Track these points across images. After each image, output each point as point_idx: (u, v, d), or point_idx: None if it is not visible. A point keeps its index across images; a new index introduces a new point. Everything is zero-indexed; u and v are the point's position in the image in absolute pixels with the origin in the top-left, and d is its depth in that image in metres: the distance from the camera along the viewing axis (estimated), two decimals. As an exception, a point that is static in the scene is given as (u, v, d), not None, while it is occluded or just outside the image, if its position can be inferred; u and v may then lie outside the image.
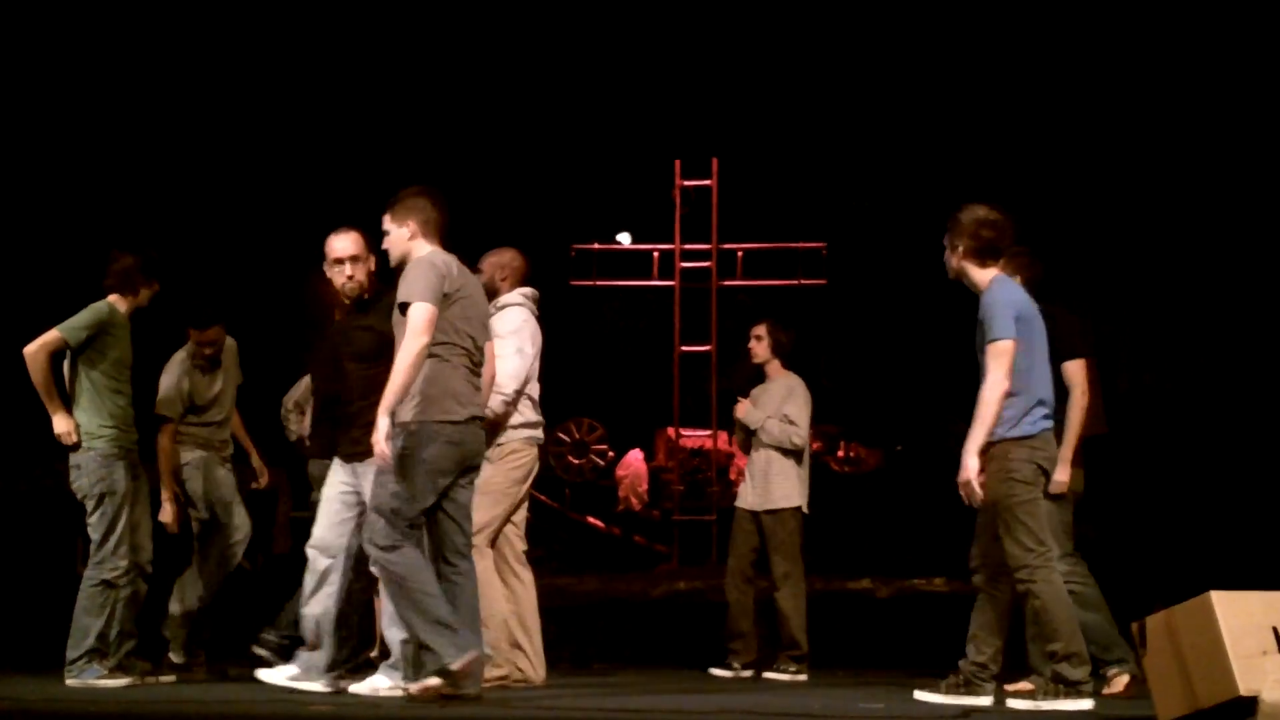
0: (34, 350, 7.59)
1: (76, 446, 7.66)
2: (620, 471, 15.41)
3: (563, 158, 13.09)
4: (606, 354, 16.12)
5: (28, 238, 11.58)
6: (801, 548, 8.85)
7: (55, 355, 7.64)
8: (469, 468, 6.78)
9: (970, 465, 6.45)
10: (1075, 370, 7.41)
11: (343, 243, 7.29)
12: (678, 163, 13.68)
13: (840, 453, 15.27)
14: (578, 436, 15.21)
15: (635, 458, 15.42)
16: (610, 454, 15.47)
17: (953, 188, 10.01)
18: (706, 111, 13.91)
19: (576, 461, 15.21)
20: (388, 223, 6.84)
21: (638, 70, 12.92)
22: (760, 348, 9.12)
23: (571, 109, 12.96)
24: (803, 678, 8.63)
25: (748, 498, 8.93)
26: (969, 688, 6.60)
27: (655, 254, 14.15)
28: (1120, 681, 7.48)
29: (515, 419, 7.84)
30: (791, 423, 8.86)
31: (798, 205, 15.17)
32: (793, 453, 8.85)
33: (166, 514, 8.21)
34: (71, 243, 11.08)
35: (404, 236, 6.78)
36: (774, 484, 8.83)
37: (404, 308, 6.56)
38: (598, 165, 13.13)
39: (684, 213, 13.86)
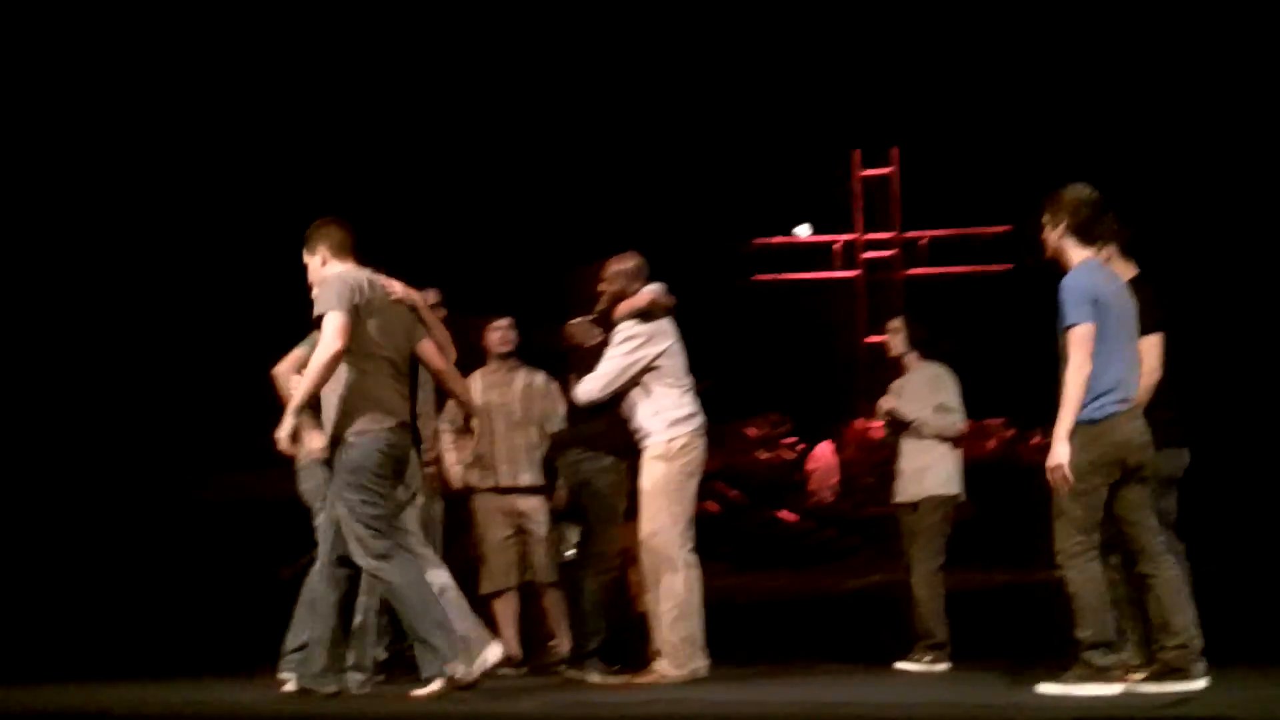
0: (283, 370, 7.72)
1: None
2: (810, 465, 15.33)
3: (737, 152, 13.03)
4: (792, 348, 16.06)
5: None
6: (949, 537, 8.74)
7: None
8: (402, 475, 7.01)
9: (1059, 452, 6.46)
10: (1147, 347, 7.29)
11: None
12: (857, 153, 13.60)
13: (1035, 440, 15.03)
14: (766, 431, 15.15)
15: (825, 451, 15.32)
16: (799, 447, 15.40)
17: (1136, 165, 9.82)
18: (883, 101, 13.78)
19: (765, 456, 15.16)
20: (305, 257, 7.10)
21: (812, 63, 12.83)
22: (896, 341, 9.04)
23: (744, 103, 12.91)
24: (940, 668, 8.49)
25: (904, 490, 8.84)
26: (1178, 674, 6.51)
27: (837, 245, 14.08)
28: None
29: (674, 414, 7.89)
30: (948, 410, 8.77)
31: (982, 189, 14.97)
32: (944, 440, 8.76)
33: None
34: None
35: (318, 264, 7.05)
36: (927, 472, 8.74)
37: (319, 320, 6.78)
38: (772, 159, 13.06)
39: (863, 203, 13.78)
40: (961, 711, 6.29)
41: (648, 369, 7.87)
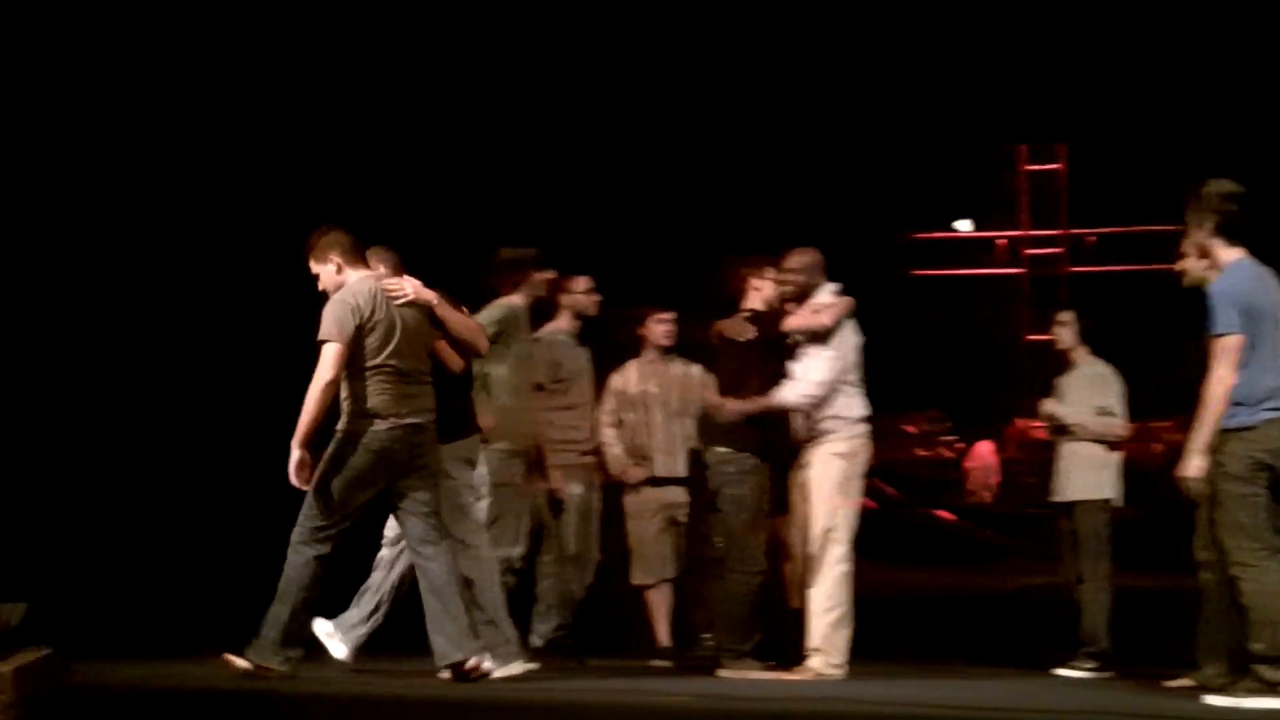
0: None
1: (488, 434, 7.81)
2: (969, 463, 15.17)
3: (899, 145, 12.89)
4: (953, 344, 15.87)
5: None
6: (1110, 540, 8.57)
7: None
8: (416, 469, 7.08)
9: (1193, 464, 6.38)
10: None
11: None
12: (1023, 148, 13.41)
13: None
14: (925, 428, 15.02)
15: (985, 449, 15.14)
16: (958, 446, 15.25)
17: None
18: (1050, 95, 13.56)
19: (923, 453, 15.02)
20: (314, 267, 7.20)
21: (977, 56, 12.65)
22: (1066, 334, 8.88)
23: (908, 96, 12.77)
24: (1101, 675, 8.31)
25: (1062, 491, 8.69)
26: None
27: (1000, 241, 13.89)
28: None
29: (854, 413, 7.86)
30: (1110, 414, 8.60)
31: (1152, 186, 14.68)
32: (1104, 442, 8.60)
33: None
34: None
35: (332, 272, 7.15)
36: (1084, 475, 8.58)
37: (320, 344, 6.96)
38: (934, 153, 12.90)
39: (1027, 199, 13.59)
40: None
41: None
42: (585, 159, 12.53)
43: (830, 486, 7.79)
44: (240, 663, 7.17)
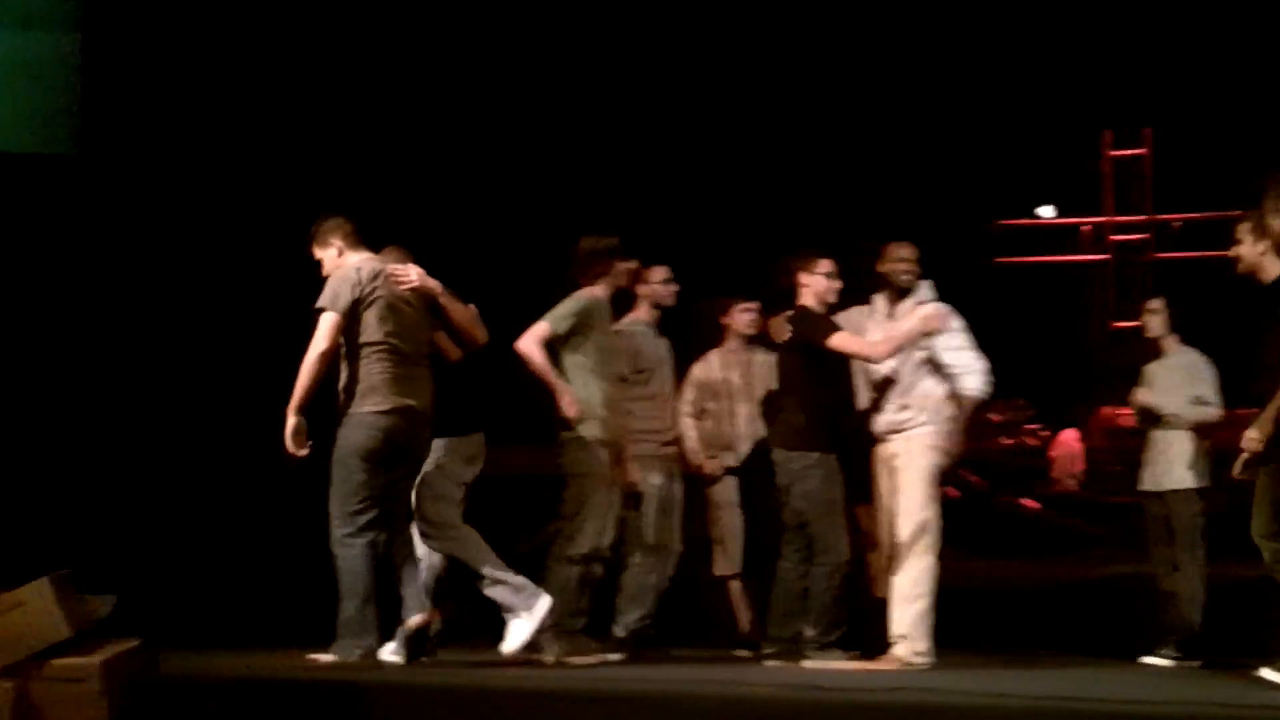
0: (526, 343, 7.88)
1: (574, 423, 7.88)
2: (1054, 452, 15.05)
3: (982, 130, 12.78)
4: (1037, 331, 15.73)
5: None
6: (1204, 530, 8.48)
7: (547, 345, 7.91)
8: (412, 456, 7.31)
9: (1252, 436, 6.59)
10: None
11: None
12: (1108, 134, 13.29)
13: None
14: (1009, 416, 14.90)
15: (1070, 438, 15.03)
16: (1043, 434, 15.12)
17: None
18: (1136, 80, 13.41)
19: (1007, 442, 14.91)
20: (317, 253, 7.44)
21: (1062, 41, 12.54)
22: (1155, 322, 8.79)
23: (991, 81, 12.66)
24: (1189, 664, 8.22)
25: (1153, 480, 8.61)
26: None
27: (1085, 228, 13.77)
28: None
29: (943, 406, 7.86)
30: (1205, 403, 8.51)
31: (1240, 172, 14.48)
32: (1197, 431, 8.51)
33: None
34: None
35: (333, 256, 7.39)
36: (1179, 464, 8.50)
37: (317, 314, 7.17)
38: (1017, 138, 12.78)
39: (1113, 184, 13.45)
40: (1210, 711, 6.10)
41: (930, 359, 7.81)
42: (673, 149, 12.52)
43: (922, 478, 7.79)
44: (324, 658, 7.25)
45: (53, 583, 7.09)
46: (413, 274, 7.40)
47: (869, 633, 7.93)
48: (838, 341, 7.76)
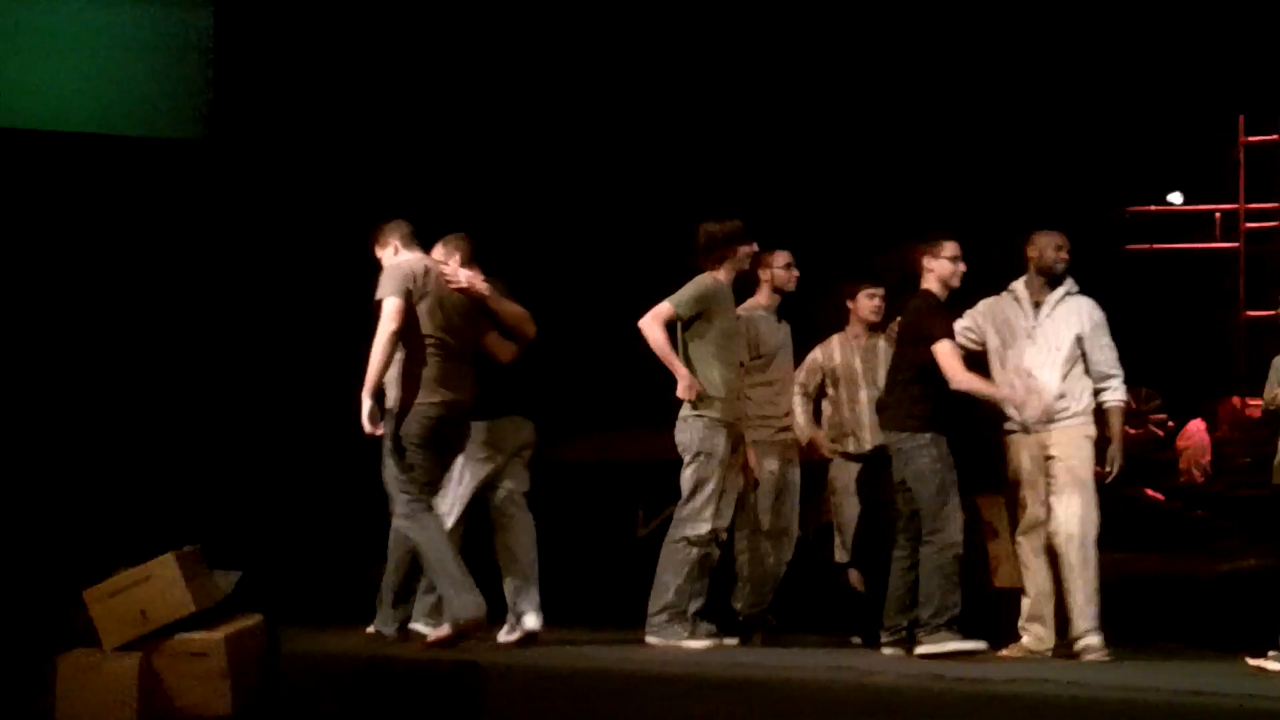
0: (647, 322, 7.93)
1: (694, 404, 7.91)
2: (1181, 442, 14.81)
3: (1112, 116, 12.56)
4: (1165, 320, 15.46)
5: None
6: None
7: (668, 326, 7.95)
8: (451, 445, 7.59)
9: None
10: None
11: None
12: (1241, 118, 13.03)
13: None
14: (1135, 406, 14.66)
15: (1197, 428, 14.78)
16: (1170, 424, 14.89)
17: None
18: (1271, 63, 13.12)
19: (1133, 432, 14.68)
20: (377, 253, 7.73)
21: (1194, 24, 12.29)
22: (1290, 312, 8.63)
23: (1122, 65, 12.44)
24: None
25: None
26: None
27: (1218, 215, 13.51)
28: None
29: (1090, 401, 7.78)
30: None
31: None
32: None
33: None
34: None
35: (391, 254, 7.68)
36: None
37: (377, 305, 7.42)
38: (1148, 124, 12.55)
39: (1245, 171, 13.19)
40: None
41: (1082, 352, 7.82)
42: (801, 133, 12.43)
43: (1084, 470, 7.73)
44: (436, 634, 7.31)
45: (178, 558, 7.21)
46: (461, 276, 7.67)
47: (991, 623, 7.84)
48: (940, 349, 7.67)
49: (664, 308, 7.96)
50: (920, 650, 7.53)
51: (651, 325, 7.93)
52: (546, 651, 7.47)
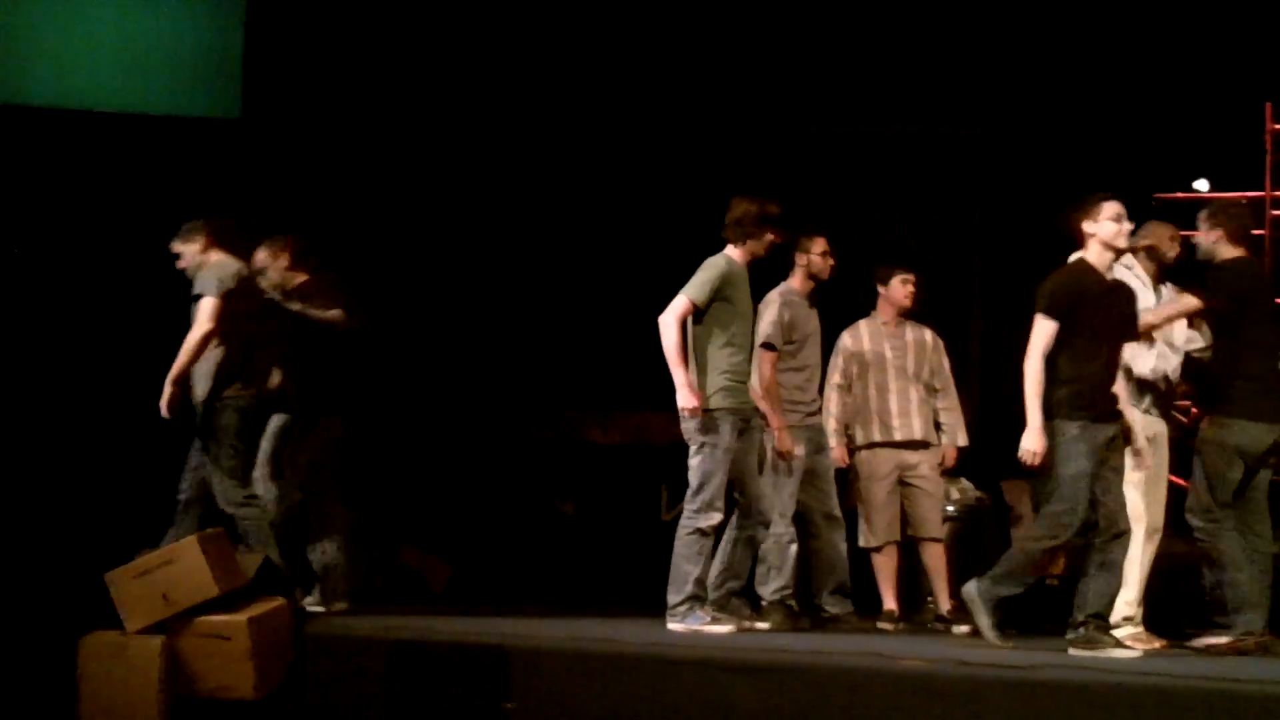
0: (667, 321, 7.80)
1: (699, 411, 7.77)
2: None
3: (1138, 103, 12.48)
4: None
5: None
6: None
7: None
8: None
9: None
10: None
11: None
12: (1269, 105, 12.90)
13: None
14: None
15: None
16: (1194, 411, 14.79)
17: None
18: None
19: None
20: (185, 249, 8.05)
21: (1222, 10, 12.21)
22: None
23: (1148, 52, 12.37)
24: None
25: None
26: None
27: (1243, 201, 13.39)
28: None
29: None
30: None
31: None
32: None
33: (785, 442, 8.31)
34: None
35: (199, 251, 8.03)
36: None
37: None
38: (1175, 110, 12.46)
39: (1275, 158, 13.07)
40: None
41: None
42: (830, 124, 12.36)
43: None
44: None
45: (202, 541, 7.19)
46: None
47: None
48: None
49: (682, 303, 7.81)
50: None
51: (671, 325, 7.79)
52: (574, 634, 7.45)
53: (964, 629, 8.13)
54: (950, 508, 9.30)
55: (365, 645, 7.20)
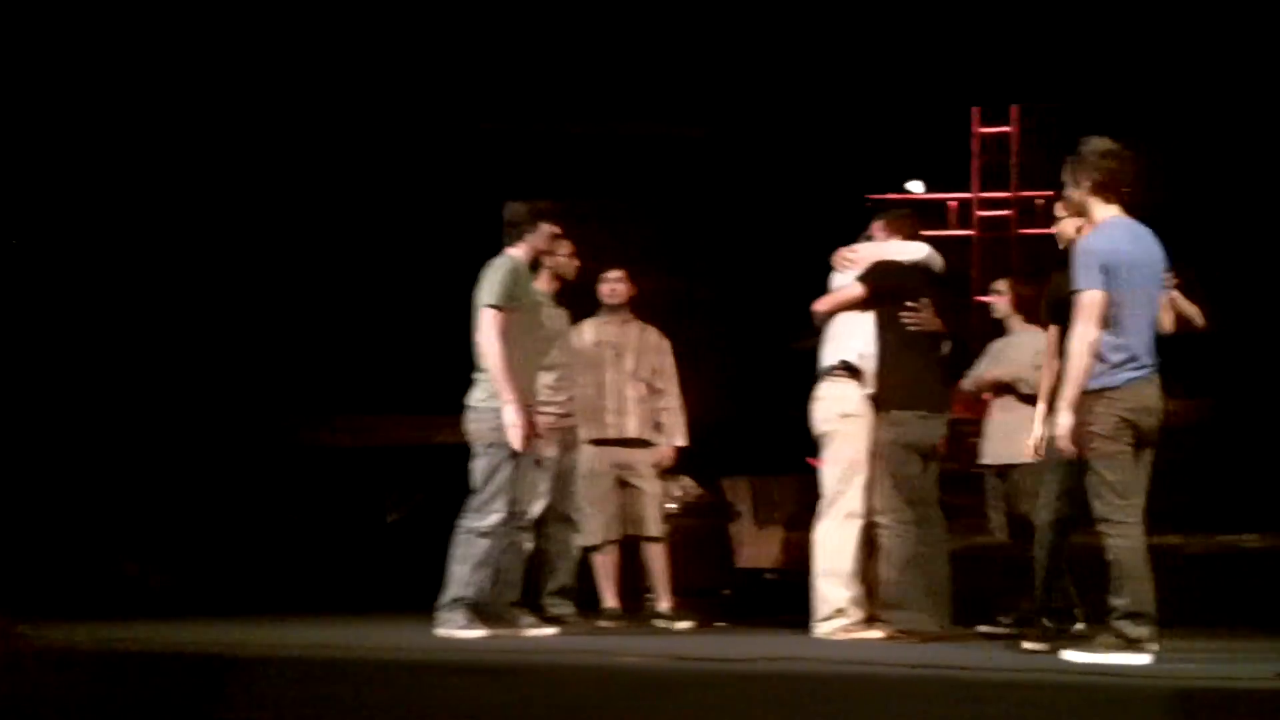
0: (488, 338, 7.74)
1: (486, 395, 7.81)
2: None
3: (851, 107, 12.82)
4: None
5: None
6: None
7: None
8: None
9: (1062, 422, 6.48)
10: None
11: None
12: (975, 110, 13.41)
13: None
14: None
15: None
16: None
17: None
18: (1003, 56, 13.55)
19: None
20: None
21: (931, 17, 12.62)
22: (1002, 303, 8.95)
23: (860, 54, 12.72)
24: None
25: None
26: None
27: (952, 203, 13.91)
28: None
29: None
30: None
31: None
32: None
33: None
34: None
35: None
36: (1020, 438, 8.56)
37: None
38: (886, 114, 12.85)
39: (981, 161, 13.60)
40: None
41: None
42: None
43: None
44: None
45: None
46: None
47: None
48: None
49: (492, 316, 7.75)
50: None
51: (495, 341, 7.72)
52: (302, 641, 7.38)
53: (684, 625, 8.30)
54: (672, 505, 9.44)
55: (81, 658, 7.01)
